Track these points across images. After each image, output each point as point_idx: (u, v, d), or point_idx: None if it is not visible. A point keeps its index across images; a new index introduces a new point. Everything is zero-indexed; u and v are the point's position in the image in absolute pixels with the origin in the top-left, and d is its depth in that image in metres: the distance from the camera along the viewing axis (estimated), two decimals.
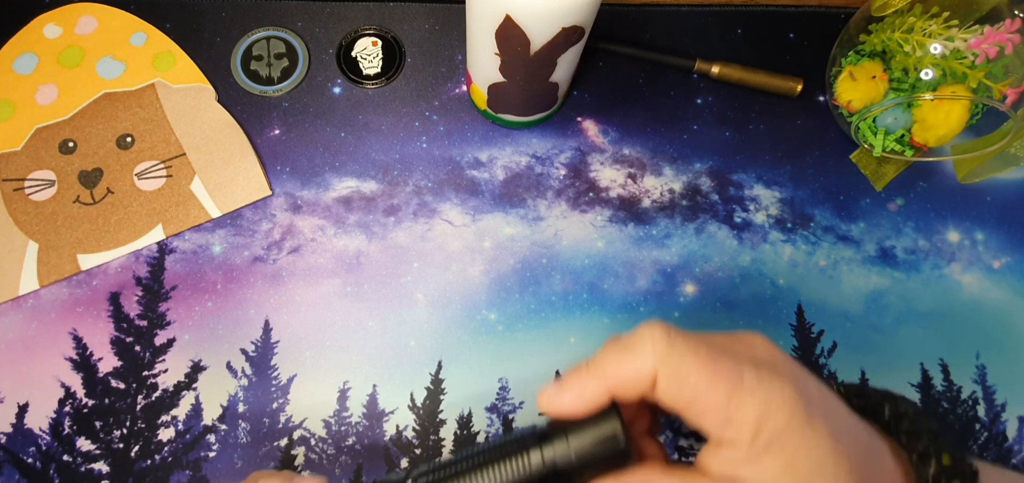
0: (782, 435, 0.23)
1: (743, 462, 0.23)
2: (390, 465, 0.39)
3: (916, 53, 0.41)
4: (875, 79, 0.44)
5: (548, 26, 0.36)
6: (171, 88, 0.46)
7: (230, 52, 0.48)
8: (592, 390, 0.24)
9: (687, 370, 0.23)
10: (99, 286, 0.42)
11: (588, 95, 0.49)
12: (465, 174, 0.46)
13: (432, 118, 0.47)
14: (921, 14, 0.42)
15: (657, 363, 0.23)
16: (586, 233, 0.45)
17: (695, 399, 0.23)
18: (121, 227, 0.43)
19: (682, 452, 0.41)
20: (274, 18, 0.49)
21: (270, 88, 0.47)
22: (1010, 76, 0.40)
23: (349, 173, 0.46)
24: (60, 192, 0.43)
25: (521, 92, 0.42)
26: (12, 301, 0.41)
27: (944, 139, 0.44)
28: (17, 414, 0.39)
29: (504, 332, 0.42)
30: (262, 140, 0.46)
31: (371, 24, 0.49)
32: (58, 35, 0.47)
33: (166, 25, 0.48)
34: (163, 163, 0.44)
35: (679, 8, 0.52)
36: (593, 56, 0.50)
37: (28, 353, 0.40)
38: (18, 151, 0.44)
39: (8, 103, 0.45)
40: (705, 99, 0.49)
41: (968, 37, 0.40)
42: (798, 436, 0.23)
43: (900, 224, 0.47)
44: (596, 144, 0.48)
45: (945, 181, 0.48)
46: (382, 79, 0.48)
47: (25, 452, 0.38)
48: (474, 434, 0.40)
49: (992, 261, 0.46)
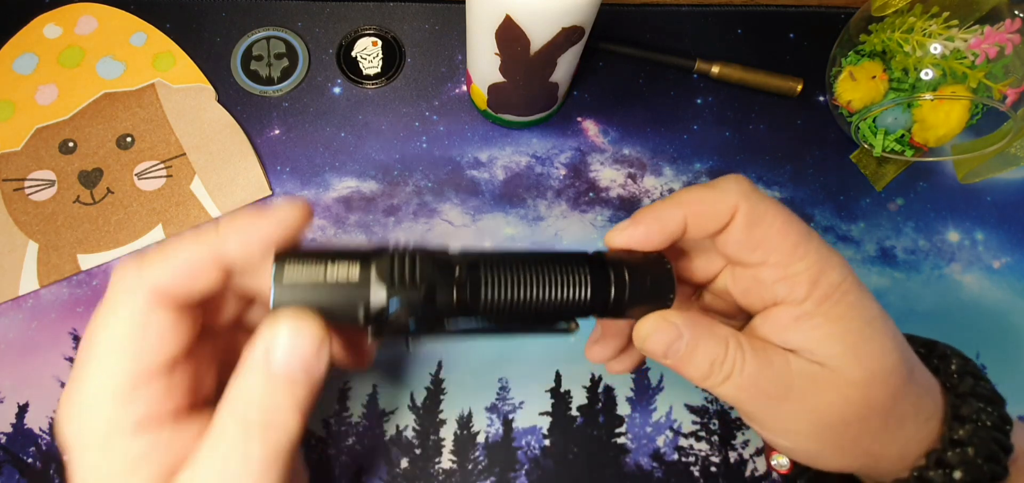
0: (837, 291, 0.24)
1: (794, 322, 0.24)
2: (390, 465, 0.39)
3: (916, 53, 0.41)
4: (875, 79, 0.44)
5: (548, 26, 0.36)
6: (171, 88, 0.46)
7: (230, 52, 0.48)
8: (669, 216, 0.25)
9: (766, 211, 0.24)
10: (99, 286, 0.42)
11: (588, 95, 0.49)
12: (465, 174, 0.46)
13: (432, 118, 0.47)
14: (921, 14, 0.42)
15: (741, 199, 0.24)
16: (586, 233, 0.45)
17: (764, 242, 0.24)
18: (121, 227, 0.43)
19: (682, 452, 0.41)
20: (274, 18, 0.49)
21: (270, 88, 0.47)
22: (1010, 76, 0.40)
23: (349, 173, 0.46)
24: (60, 192, 0.43)
25: (521, 92, 0.42)
26: (12, 301, 0.41)
27: (944, 139, 0.44)
28: (17, 414, 0.39)
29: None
30: (262, 140, 0.46)
31: (371, 24, 0.49)
32: (58, 35, 0.47)
33: (166, 25, 0.48)
34: (163, 163, 0.44)
35: (679, 8, 0.52)
36: (593, 56, 0.50)
37: (28, 353, 0.40)
38: (18, 151, 0.44)
39: (8, 103, 0.45)
40: (705, 99, 0.49)
41: (968, 37, 0.40)
42: (852, 296, 0.24)
43: (900, 224, 0.47)
44: (596, 144, 0.48)
45: (945, 181, 0.48)
46: (382, 79, 0.48)
47: (25, 452, 0.38)
48: (474, 434, 0.40)
49: (992, 261, 0.46)
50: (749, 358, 0.23)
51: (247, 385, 0.20)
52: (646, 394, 0.42)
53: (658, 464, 0.40)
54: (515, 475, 0.40)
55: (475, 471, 0.40)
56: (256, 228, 0.21)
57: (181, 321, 0.20)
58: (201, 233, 0.21)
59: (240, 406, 0.20)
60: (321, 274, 0.21)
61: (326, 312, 0.21)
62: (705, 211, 0.24)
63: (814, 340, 0.24)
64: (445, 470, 0.39)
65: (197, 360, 0.22)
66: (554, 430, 0.41)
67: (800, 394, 0.24)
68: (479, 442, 0.40)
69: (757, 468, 0.40)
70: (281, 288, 0.20)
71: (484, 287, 0.22)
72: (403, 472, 0.39)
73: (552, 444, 0.40)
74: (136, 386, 0.19)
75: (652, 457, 0.40)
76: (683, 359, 0.24)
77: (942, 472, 0.24)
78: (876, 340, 0.24)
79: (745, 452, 0.41)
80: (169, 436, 0.20)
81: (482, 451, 0.40)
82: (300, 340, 0.20)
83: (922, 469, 0.25)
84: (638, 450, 0.40)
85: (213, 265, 0.21)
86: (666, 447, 0.41)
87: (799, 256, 0.24)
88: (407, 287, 0.21)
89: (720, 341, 0.24)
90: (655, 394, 0.42)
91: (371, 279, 0.21)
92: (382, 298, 0.21)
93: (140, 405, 0.19)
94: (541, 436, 0.40)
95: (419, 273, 0.21)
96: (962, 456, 0.24)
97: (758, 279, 0.25)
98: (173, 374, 0.20)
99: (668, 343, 0.24)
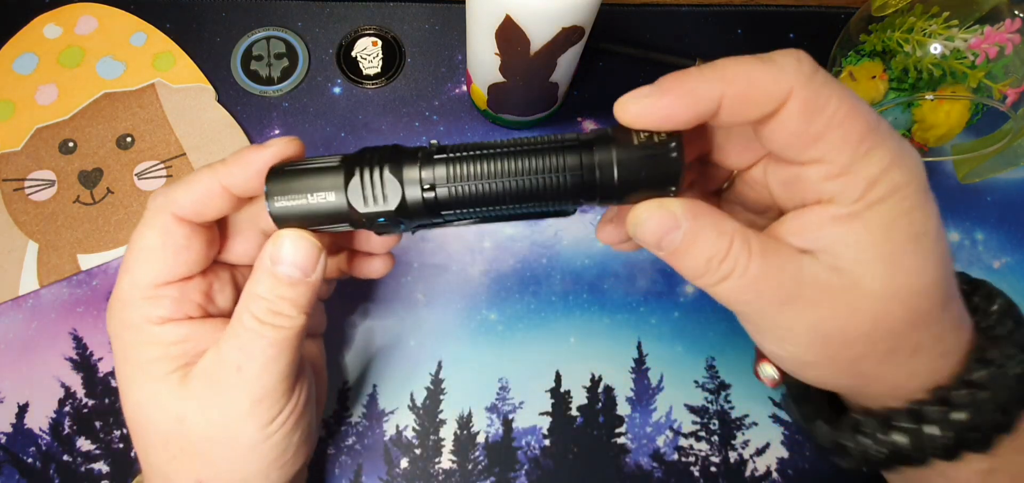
0: (898, 193, 0.20)
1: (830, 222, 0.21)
2: (390, 465, 0.39)
3: (916, 53, 0.41)
4: (875, 79, 0.44)
5: (548, 26, 0.36)
6: (171, 88, 0.46)
7: (230, 52, 0.48)
8: (704, 92, 0.20)
9: (830, 96, 0.20)
10: (99, 286, 0.42)
11: (588, 95, 0.49)
12: None
13: (432, 118, 0.47)
14: (921, 14, 0.42)
15: (799, 84, 0.20)
16: (586, 233, 0.45)
17: (822, 138, 0.20)
18: (121, 227, 0.43)
19: (682, 452, 0.41)
20: (274, 18, 0.49)
21: (270, 88, 0.47)
22: (1010, 76, 0.40)
23: None
24: (60, 192, 0.43)
25: (521, 92, 0.42)
26: (12, 301, 0.41)
27: (944, 139, 0.44)
28: (17, 414, 0.39)
29: (504, 332, 0.42)
30: (262, 140, 0.46)
31: (371, 24, 0.49)
32: (58, 35, 0.47)
33: (166, 25, 0.48)
34: (163, 163, 0.44)
35: (679, 8, 0.52)
36: (593, 56, 0.50)
37: (28, 353, 0.40)
38: (18, 151, 0.44)
39: (8, 103, 0.45)
40: None
41: (968, 37, 0.40)
42: (913, 200, 0.21)
43: None
44: None
45: (945, 181, 0.48)
46: (382, 79, 0.48)
47: (25, 452, 0.38)
48: (474, 434, 0.40)
49: (992, 261, 0.46)
50: (755, 259, 0.21)
51: (257, 286, 0.25)
52: (646, 394, 0.42)
53: (658, 464, 0.40)
54: (515, 475, 0.40)
55: (475, 471, 0.40)
56: (254, 159, 0.24)
57: (196, 237, 0.25)
58: (212, 166, 0.25)
59: (252, 302, 0.24)
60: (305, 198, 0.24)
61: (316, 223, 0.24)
62: (750, 93, 0.20)
63: (844, 244, 0.21)
64: (445, 470, 0.39)
65: (214, 277, 0.27)
66: (554, 430, 0.41)
67: (806, 302, 0.21)
68: (479, 442, 0.40)
69: (757, 468, 0.40)
70: (273, 203, 0.24)
71: (451, 187, 0.23)
72: (403, 472, 0.39)
73: (552, 444, 0.40)
74: (159, 287, 0.25)
75: (652, 457, 0.40)
76: (677, 252, 0.22)
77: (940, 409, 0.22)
78: (914, 257, 0.21)
79: (745, 452, 0.41)
80: (188, 330, 0.25)
81: (482, 451, 0.40)
82: (297, 250, 0.24)
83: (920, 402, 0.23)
84: (638, 450, 0.40)
85: (221, 191, 0.25)
86: (666, 447, 0.41)
87: (862, 153, 0.20)
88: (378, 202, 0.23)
89: (723, 236, 0.21)
90: (655, 394, 0.42)
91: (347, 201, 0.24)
92: (360, 214, 0.24)
93: (164, 303, 0.25)
94: (541, 436, 0.40)
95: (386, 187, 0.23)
96: (971, 397, 0.22)
97: (802, 176, 0.22)
98: (190, 283, 0.26)
99: (662, 233, 0.22)
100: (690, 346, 0.43)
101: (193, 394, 0.25)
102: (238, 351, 0.24)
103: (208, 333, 0.26)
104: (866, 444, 0.24)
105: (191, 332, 0.26)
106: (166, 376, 0.25)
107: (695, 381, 0.42)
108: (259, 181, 0.25)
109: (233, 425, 0.25)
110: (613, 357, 0.42)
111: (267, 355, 0.24)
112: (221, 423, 0.25)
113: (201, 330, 0.26)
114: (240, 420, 0.25)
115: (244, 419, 0.25)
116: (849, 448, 0.25)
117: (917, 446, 0.23)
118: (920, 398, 0.23)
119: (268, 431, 0.26)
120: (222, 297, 0.28)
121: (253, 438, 0.26)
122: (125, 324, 0.25)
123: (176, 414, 0.25)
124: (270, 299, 0.24)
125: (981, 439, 0.22)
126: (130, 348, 0.26)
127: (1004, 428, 0.22)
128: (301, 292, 0.25)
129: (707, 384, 0.42)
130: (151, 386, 0.25)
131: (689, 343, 0.43)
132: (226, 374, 0.25)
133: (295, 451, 0.28)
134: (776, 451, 0.40)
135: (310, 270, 0.25)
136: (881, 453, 0.23)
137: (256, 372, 0.25)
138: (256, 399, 0.25)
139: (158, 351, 0.25)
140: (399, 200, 0.23)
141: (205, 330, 0.26)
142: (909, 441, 0.23)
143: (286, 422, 0.26)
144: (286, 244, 0.24)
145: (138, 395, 0.26)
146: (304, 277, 0.25)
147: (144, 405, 0.26)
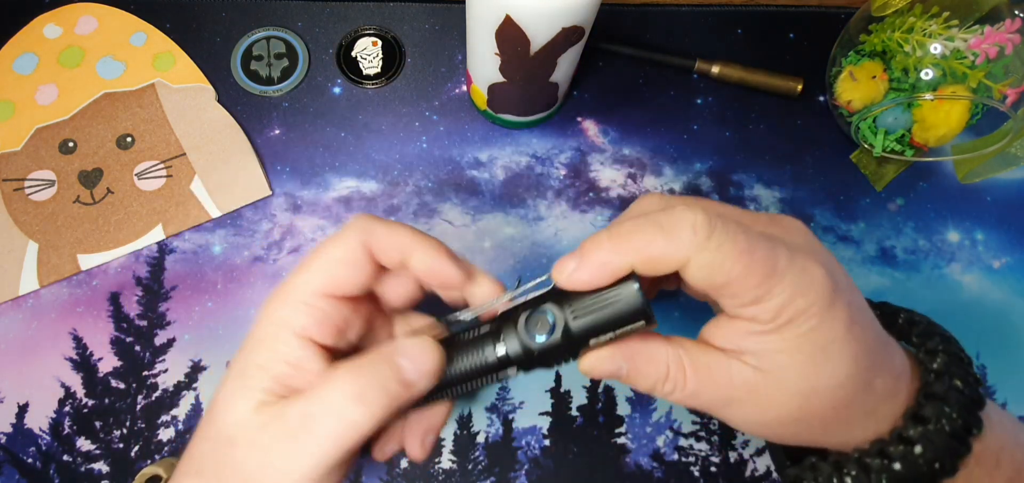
0: (802, 315, 0.24)
1: (753, 334, 0.24)
2: (390, 465, 0.39)
3: (916, 53, 0.41)
4: (875, 79, 0.44)
5: (548, 26, 0.36)
6: (171, 88, 0.46)
7: (230, 52, 0.48)
8: (616, 265, 0.24)
9: (723, 259, 0.23)
10: (99, 286, 0.42)
11: (588, 95, 0.49)
12: (465, 174, 0.46)
13: (432, 118, 0.47)
14: (921, 14, 0.42)
15: (694, 251, 0.23)
16: (586, 233, 0.45)
17: (727, 284, 0.23)
18: (121, 227, 0.43)
19: (682, 452, 0.41)
20: (274, 18, 0.49)
21: (270, 88, 0.47)
22: (1010, 76, 0.40)
23: (349, 173, 0.46)
24: (60, 192, 0.43)
25: (521, 92, 0.42)
26: (12, 301, 0.41)
27: (944, 139, 0.44)
28: (17, 414, 0.39)
29: None
30: (262, 140, 0.46)
31: (371, 24, 0.49)
32: (58, 35, 0.47)
33: (166, 25, 0.48)
34: (163, 163, 0.44)
35: (679, 8, 0.52)
36: (593, 56, 0.50)
37: (28, 353, 0.40)
38: (18, 151, 0.44)
39: (8, 103, 0.45)
40: (705, 99, 0.49)
41: (968, 37, 0.40)
42: (817, 319, 0.24)
43: (900, 224, 0.47)
44: (596, 144, 0.48)
45: (945, 181, 0.48)
46: (382, 79, 0.48)
47: (25, 452, 0.38)
48: (474, 434, 0.40)
49: (992, 261, 0.46)
50: (690, 376, 0.25)
51: (369, 363, 0.25)
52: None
53: (658, 464, 0.40)
54: (515, 475, 0.40)
55: (475, 471, 0.40)
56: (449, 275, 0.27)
57: (370, 269, 0.26)
58: (421, 238, 0.27)
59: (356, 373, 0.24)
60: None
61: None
62: (653, 258, 0.24)
63: (765, 351, 0.24)
64: (445, 470, 0.39)
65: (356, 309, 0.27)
66: (554, 430, 0.41)
67: (741, 401, 0.25)
68: (479, 442, 0.40)
69: (757, 468, 0.40)
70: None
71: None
72: (403, 472, 0.39)
73: (552, 444, 0.40)
74: (317, 295, 0.25)
75: (652, 457, 0.40)
76: (628, 381, 0.26)
77: (881, 461, 0.25)
78: (826, 363, 0.24)
79: (745, 452, 0.41)
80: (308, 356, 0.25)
81: (482, 451, 0.40)
82: (423, 357, 0.25)
83: (863, 453, 0.26)
84: (638, 450, 0.40)
85: (422, 272, 0.27)
86: (666, 447, 0.41)
87: (764, 292, 0.23)
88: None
89: (659, 365, 0.25)
90: None
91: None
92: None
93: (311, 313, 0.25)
94: (541, 436, 0.40)
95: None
96: (906, 453, 0.25)
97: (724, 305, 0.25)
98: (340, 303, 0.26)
99: (610, 373, 0.26)
100: None
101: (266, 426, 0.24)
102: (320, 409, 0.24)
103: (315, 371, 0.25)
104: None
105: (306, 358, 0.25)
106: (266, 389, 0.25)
107: None
108: (440, 282, 0.27)
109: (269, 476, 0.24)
110: None
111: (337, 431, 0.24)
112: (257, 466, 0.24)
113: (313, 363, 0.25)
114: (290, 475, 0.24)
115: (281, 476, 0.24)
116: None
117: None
118: (864, 450, 0.26)
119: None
120: (352, 332, 0.28)
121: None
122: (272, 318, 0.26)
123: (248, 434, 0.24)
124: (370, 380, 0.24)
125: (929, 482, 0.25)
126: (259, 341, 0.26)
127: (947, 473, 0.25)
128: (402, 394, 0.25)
129: None
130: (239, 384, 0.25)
131: None
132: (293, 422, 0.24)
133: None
134: None
135: (423, 380, 0.25)
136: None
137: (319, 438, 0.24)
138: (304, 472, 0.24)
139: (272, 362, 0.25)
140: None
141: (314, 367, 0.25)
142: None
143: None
144: (427, 354, 0.25)
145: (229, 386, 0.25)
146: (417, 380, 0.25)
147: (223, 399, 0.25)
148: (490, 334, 0.26)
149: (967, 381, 0.26)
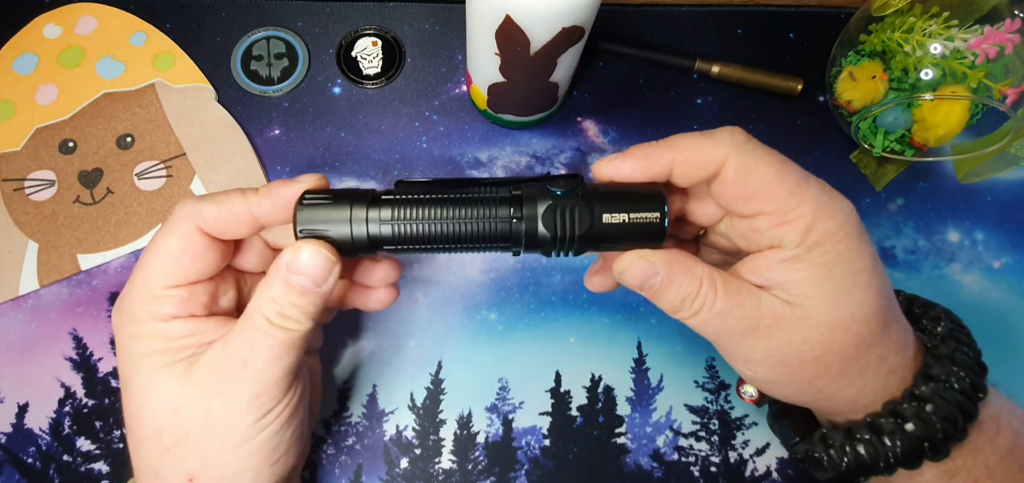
0: (831, 238, 0.25)
1: (781, 264, 0.25)
2: (390, 465, 0.39)
3: (916, 53, 0.41)
4: (875, 79, 0.44)
5: (548, 26, 0.36)
6: (171, 88, 0.46)
7: (230, 52, 0.48)
8: (658, 157, 0.26)
9: (758, 162, 0.25)
10: (99, 286, 0.42)
11: (588, 95, 0.49)
12: (465, 174, 0.46)
13: (432, 118, 0.47)
14: (921, 14, 0.42)
15: (732, 151, 0.25)
16: None
17: (757, 192, 0.25)
18: (121, 227, 0.43)
19: (682, 452, 0.41)
20: (274, 18, 0.49)
21: (270, 88, 0.47)
22: (1010, 76, 0.40)
23: (349, 173, 0.46)
24: (60, 192, 0.43)
25: (521, 92, 0.42)
26: (12, 301, 0.41)
27: (944, 139, 0.44)
28: (17, 414, 0.39)
29: (504, 332, 0.42)
30: (262, 140, 0.46)
31: (371, 24, 0.49)
32: (58, 35, 0.47)
33: (166, 25, 0.48)
34: (163, 163, 0.44)
35: (679, 8, 0.52)
36: (593, 56, 0.50)
37: (28, 353, 0.40)
38: (18, 151, 0.44)
39: (8, 103, 0.45)
40: (705, 99, 0.49)
41: (968, 37, 0.40)
42: (846, 243, 0.25)
43: (900, 224, 0.47)
44: (596, 144, 0.48)
45: (945, 181, 0.48)
46: (382, 79, 0.48)
47: (25, 452, 0.38)
48: (474, 434, 0.40)
49: (992, 261, 0.46)
50: (720, 296, 0.25)
51: (271, 290, 0.26)
52: (646, 394, 0.42)
53: (658, 464, 0.40)
54: (515, 475, 0.40)
55: (475, 471, 0.40)
56: (285, 194, 0.27)
57: (214, 248, 0.27)
58: (246, 192, 0.27)
59: (265, 305, 0.26)
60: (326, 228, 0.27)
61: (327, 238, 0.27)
62: (694, 158, 0.25)
63: (792, 281, 0.25)
64: (445, 470, 0.39)
65: (220, 280, 0.29)
66: (554, 430, 0.41)
67: (764, 331, 0.25)
68: (479, 442, 0.40)
69: (757, 468, 0.40)
70: (299, 220, 0.26)
71: (395, 226, 0.26)
72: (403, 472, 0.39)
73: (552, 444, 0.40)
74: (169, 288, 0.27)
75: (652, 457, 0.40)
76: (657, 292, 0.26)
77: (892, 421, 0.26)
78: (854, 291, 0.25)
79: (745, 452, 0.41)
80: (193, 326, 0.27)
81: (482, 451, 0.40)
82: (313, 261, 0.26)
83: (875, 415, 0.26)
84: (638, 450, 0.40)
85: (248, 217, 0.27)
86: (666, 447, 0.41)
87: (793, 205, 0.24)
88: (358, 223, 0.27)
89: (694, 279, 0.25)
90: (655, 394, 0.42)
91: (349, 221, 0.27)
92: (346, 235, 0.27)
93: (171, 301, 0.27)
94: (541, 436, 0.40)
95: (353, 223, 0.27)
96: (917, 410, 0.25)
97: (754, 227, 0.26)
98: (198, 285, 0.27)
99: (644, 278, 0.26)
100: (690, 346, 0.43)
101: (195, 383, 0.26)
102: (246, 347, 0.26)
103: (211, 329, 0.27)
104: (834, 456, 0.27)
105: (195, 328, 0.27)
106: (169, 366, 0.26)
107: (695, 381, 0.42)
108: (286, 214, 0.27)
109: (230, 417, 0.26)
110: (613, 357, 0.42)
111: (273, 353, 0.26)
112: (218, 414, 0.26)
113: (205, 326, 0.27)
114: (238, 412, 0.26)
115: (242, 412, 0.26)
116: (821, 460, 0.28)
117: (877, 456, 0.26)
118: (875, 411, 0.26)
119: (262, 423, 0.27)
120: (226, 299, 0.30)
121: (248, 431, 0.27)
122: (131, 318, 0.27)
123: (174, 403, 0.26)
124: (282, 303, 0.26)
125: (937, 448, 0.25)
126: (134, 342, 0.27)
127: (956, 437, 0.25)
128: (311, 301, 0.26)
129: (707, 384, 0.42)
130: (153, 375, 0.26)
131: (689, 343, 0.43)
132: (231, 368, 0.26)
133: (286, 449, 0.29)
134: (776, 451, 0.40)
135: (322, 281, 0.26)
136: (850, 464, 0.27)
137: (260, 368, 0.26)
138: (256, 393, 0.26)
139: (162, 344, 0.27)
140: (344, 235, 0.27)
141: (209, 326, 0.27)
142: (869, 451, 0.26)
143: (280, 416, 0.28)
144: (304, 254, 0.26)
145: (139, 384, 0.27)
146: (315, 287, 0.26)
147: (143, 393, 0.27)
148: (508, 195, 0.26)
149: (971, 346, 0.27)
